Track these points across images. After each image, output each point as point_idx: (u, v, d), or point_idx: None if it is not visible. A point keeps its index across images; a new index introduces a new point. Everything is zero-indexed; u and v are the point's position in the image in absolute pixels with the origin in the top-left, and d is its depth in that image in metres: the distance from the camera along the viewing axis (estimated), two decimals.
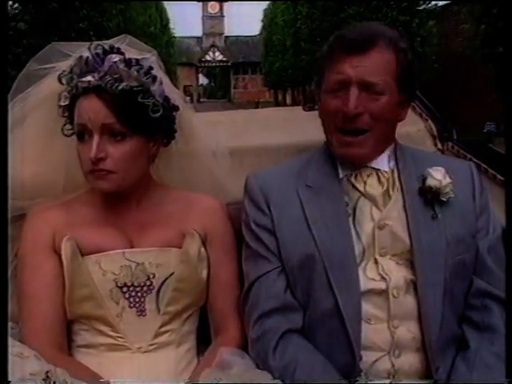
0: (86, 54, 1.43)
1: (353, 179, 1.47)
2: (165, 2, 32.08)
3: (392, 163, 1.49)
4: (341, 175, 1.47)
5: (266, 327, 1.42)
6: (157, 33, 23.72)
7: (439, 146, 1.91)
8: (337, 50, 1.41)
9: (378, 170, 1.47)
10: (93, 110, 1.39)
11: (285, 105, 24.79)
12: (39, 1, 11.23)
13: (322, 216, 1.43)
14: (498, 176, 1.68)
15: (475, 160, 1.72)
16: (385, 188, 1.46)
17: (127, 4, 15.53)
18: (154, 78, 1.45)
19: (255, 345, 1.43)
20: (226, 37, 44.02)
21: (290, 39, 21.33)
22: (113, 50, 1.44)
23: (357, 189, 1.46)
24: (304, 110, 2.03)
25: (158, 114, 1.44)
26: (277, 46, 26.07)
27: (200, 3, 43.39)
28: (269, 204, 1.47)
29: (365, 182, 1.46)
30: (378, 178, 1.47)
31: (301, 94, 23.52)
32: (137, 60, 1.44)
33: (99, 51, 1.43)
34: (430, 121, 1.91)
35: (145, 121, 1.42)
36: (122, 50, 1.46)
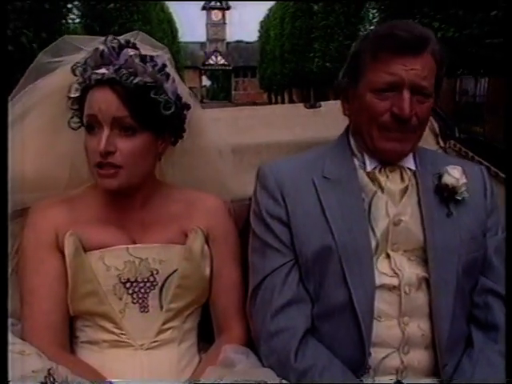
0: (102, 46, 1.32)
1: (377, 172, 1.35)
2: (173, 12, 32.30)
3: (413, 162, 1.39)
4: (368, 168, 1.35)
5: (282, 325, 1.30)
6: (168, 44, 24.37)
7: (441, 144, 1.77)
8: (386, 48, 1.27)
9: (402, 167, 1.36)
10: (105, 101, 1.28)
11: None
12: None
13: (340, 208, 1.32)
14: (500, 174, 1.56)
15: (477, 158, 1.60)
16: (405, 185, 1.36)
17: (150, 26, 17.09)
18: (168, 76, 1.35)
19: (270, 341, 1.31)
20: (228, 43, 44.15)
21: (278, 50, 23.08)
22: (128, 44, 1.34)
23: (378, 182, 1.35)
24: (305, 107, 1.89)
25: (170, 112, 1.33)
26: (269, 55, 27.51)
27: (204, 11, 43.70)
28: (283, 194, 1.35)
29: (387, 176, 1.36)
30: (401, 175, 1.36)
31: (288, 96, 24.39)
32: (151, 57, 1.34)
33: (115, 45, 1.32)
34: (432, 119, 1.77)
35: (156, 117, 1.32)
36: (138, 46, 1.35)
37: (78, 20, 12.55)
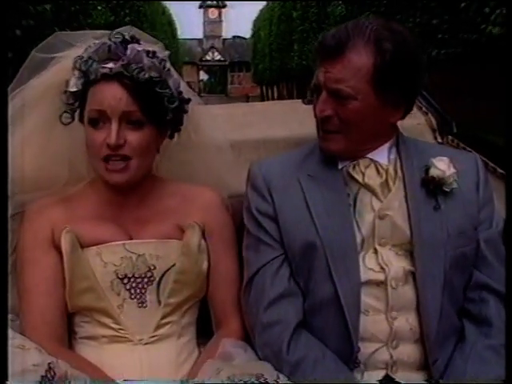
0: (108, 41, 1.27)
1: (351, 170, 1.30)
2: (172, 10, 32.03)
3: (393, 155, 1.32)
4: (339, 166, 1.32)
5: (275, 317, 1.27)
6: (169, 43, 24.70)
7: (439, 139, 1.71)
8: (317, 55, 1.29)
9: (376, 161, 1.30)
10: (114, 96, 1.24)
11: (268, 99, 26.30)
12: None
13: (324, 205, 1.29)
14: (499, 169, 1.49)
15: (475, 153, 1.52)
16: (384, 179, 1.30)
17: (154, 29, 17.77)
18: (169, 70, 1.32)
19: (263, 333, 1.27)
20: (224, 39, 44.04)
21: (268, 48, 24.26)
22: (133, 39, 1.29)
23: (356, 180, 1.30)
24: (304, 103, 1.82)
25: (174, 105, 1.29)
26: (260, 52, 28.28)
27: (202, 9, 43.53)
28: (271, 191, 1.33)
29: (363, 173, 1.30)
30: (377, 170, 1.30)
31: (277, 90, 25.05)
32: (154, 52, 1.29)
33: (119, 40, 1.27)
34: (429, 114, 1.72)
35: (161, 111, 1.29)
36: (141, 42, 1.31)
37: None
